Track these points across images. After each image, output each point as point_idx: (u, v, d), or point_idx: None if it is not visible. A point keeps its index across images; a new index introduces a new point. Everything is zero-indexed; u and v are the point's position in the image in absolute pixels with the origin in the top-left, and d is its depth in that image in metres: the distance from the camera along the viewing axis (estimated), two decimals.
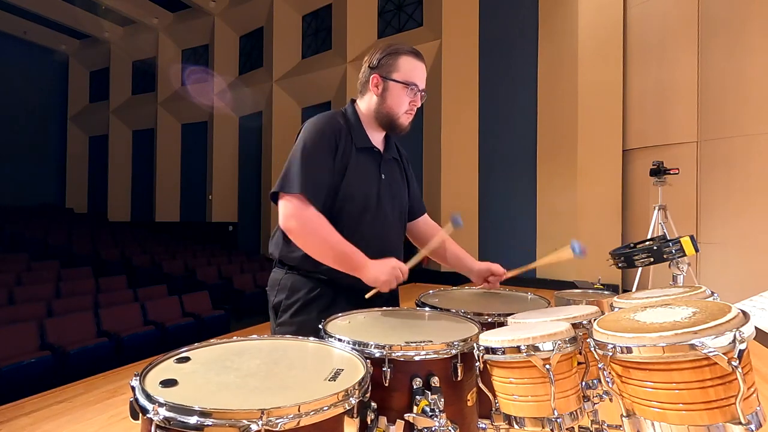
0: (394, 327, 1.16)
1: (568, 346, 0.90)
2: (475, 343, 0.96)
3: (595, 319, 0.88)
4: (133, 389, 0.72)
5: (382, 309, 1.32)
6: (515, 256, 7.16)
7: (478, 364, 0.95)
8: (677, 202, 5.19)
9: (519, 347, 0.89)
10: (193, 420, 0.63)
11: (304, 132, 1.36)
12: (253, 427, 0.62)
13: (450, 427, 0.86)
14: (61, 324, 4.43)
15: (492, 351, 0.92)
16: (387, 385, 0.92)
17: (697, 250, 2.03)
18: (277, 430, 0.63)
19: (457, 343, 0.97)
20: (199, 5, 11.83)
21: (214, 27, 12.12)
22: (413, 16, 9.04)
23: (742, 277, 4.90)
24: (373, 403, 0.81)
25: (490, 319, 1.21)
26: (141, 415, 0.69)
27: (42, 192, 14.78)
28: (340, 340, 0.98)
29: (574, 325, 0.97)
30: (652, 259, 2.09)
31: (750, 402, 0.69)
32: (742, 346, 0.66)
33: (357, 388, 0.74)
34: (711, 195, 5.36)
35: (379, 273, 1.23)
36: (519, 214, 7.50)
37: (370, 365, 0.84)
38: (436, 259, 1.59)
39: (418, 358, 0.94)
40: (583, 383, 0.98)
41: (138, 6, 12.19)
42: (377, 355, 0.93)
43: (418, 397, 0.90)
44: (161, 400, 0.66)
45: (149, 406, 0.66)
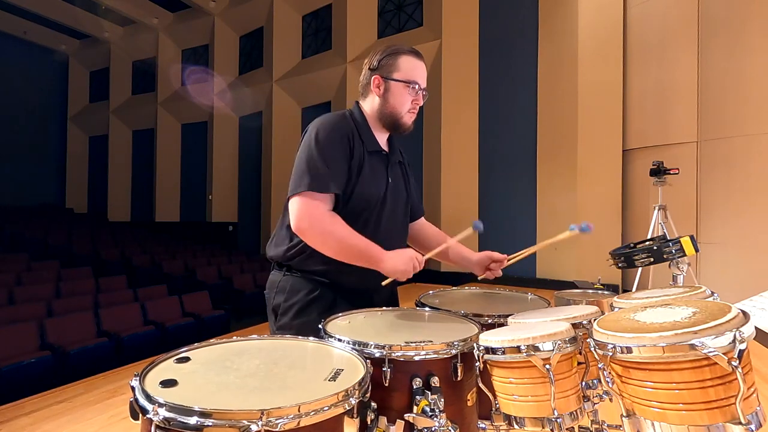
0: (394, 327, 1.16)
1: (568, 346, 0.90)
2: (475, 343, 0.96)
3: (595, 319, 0.88)
4: (133, 389, 0.72)
5: (382, 309, 1.32)
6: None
7: (478, 364, 0.95)
8: (677, 202, 5.19)
9: (519, 347, 0.89)
10: (193, 420, 0.63)
11: (313, 132, 1.33)
12: (253, 427, 0.62)
13: (450, 427, 0.86)
14: (61, 324, 4.43)
15: (492, 351, 0.92)
16: (387, 385, 0.92)
17: (697, 250, 2.04)
18: (277, 430, 0.63)
19: (457, 343, 0.97)
20: (199, 5, 11.83)
21: (214, 27, 12.11)
22: (413, 16, 9.04)
23: (742, 277, 4.90)
24: (373, 403, 0.81)
25: (490, 320, 1.21)
26: (141, 416, 0.69)
27: (42, 192, 14.77)
28: (340, 340, 0.98)
29: (574, 325, 0.97)
30: (652, 259, 2.09)
31: (750, 402, 0.68)
32: (742, 346, 0.66)
33: (357, 388, 0.74)
34: (711, 195, 5.35)
35: (398, 263, 1.22)
36: (519, 214, 7.49)
37: (370, 365, 0.84)
38: (440, 258, 1.59)
39: (418, 358, 0.94)
40: (583, 383, 0.98)
41: (138, 6, 12.19)
42: (377, 355, 0.93)
43: (418, 397, 0.90)
44: (161, 401, 0.66)
45: (149, 407, 0.66)
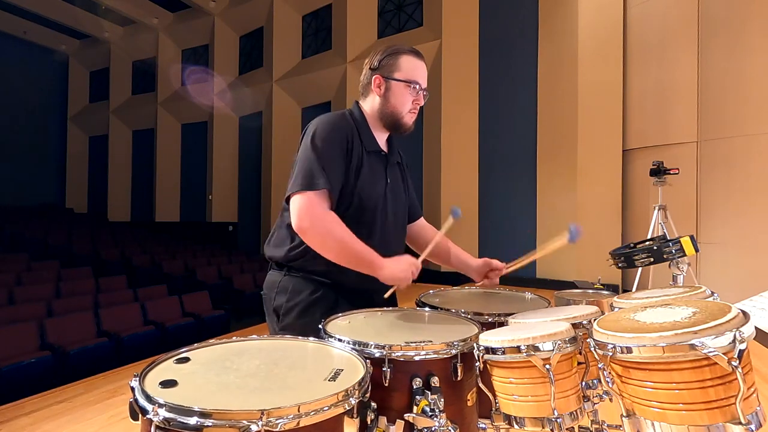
0: (394, 327, 1.16)
1: (568, 346, 0.90)
2: (475, 343, 0.96)
3: (595, 319, 0.88)
4: (132, 390, 0.72)
5: (382, 309, 1.31)
6: (515, 256, 7.07)
7: (478, 364, 0.95)
8: (677, 202, 5.19)
9: (519, 347, 0.89)
10: (193, 421, 0.63)
11: (312, 131, 1.32)
12: (253, 427, 0.62)
13: (450, 427, 0.86)
14: (61, 324, 4.43)
15: (492, 351, 0.92)
16: (387, 385, 0.92)
17: (697, 250, 2.04)
18: (277, 430, 0.63)
19: (457, 343, 0.97)
20: (199, 5, 11.83)
21: (214, 27, 12.11)
22: (413, 16, 9.04)
23: (742, 277, 4.90)
24: (373, 403, 0.81)
25: (490, 319, 1.21)
26: (141, 416, 0.69)
27: (42, 192, 14.77)
28: (340, 340, 0.98)
29: (574, 325, 0.97)
30: (652, 259, 2.10)
31: (750, 402, 0.68)
32: (742, 346, 0.66)
33: (357, 388, 0.74)
34: (711, 195, 5.35)
35: (397, 270, 1.22)
36: (519, 214, 7.50)
37: (369, 365, 0.84)
38: (439, 261, 1.59)
39: (418, 358, 0.94)
40: (583, 383, 0.98)
41: (138, 6, 12.19)
42: (377, 355, 0.93)
43: (418, 397, 0.90)
44: (161, 401, 0.66)
45: (149, 407, 0.66)
